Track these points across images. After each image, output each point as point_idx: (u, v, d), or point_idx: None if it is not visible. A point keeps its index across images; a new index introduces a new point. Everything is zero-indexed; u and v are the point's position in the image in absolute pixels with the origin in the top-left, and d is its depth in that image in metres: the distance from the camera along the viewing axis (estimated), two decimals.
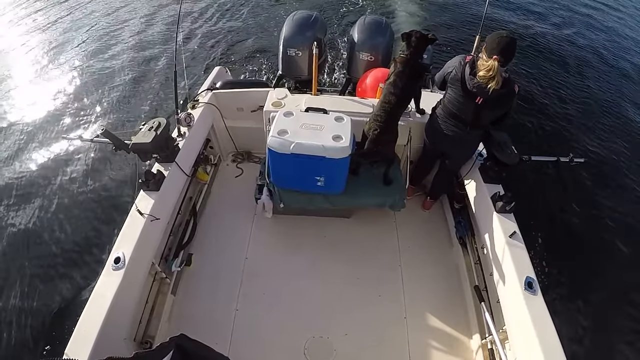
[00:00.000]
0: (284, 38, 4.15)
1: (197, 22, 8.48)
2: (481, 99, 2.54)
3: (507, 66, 2.45)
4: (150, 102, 6.18)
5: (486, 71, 2.41)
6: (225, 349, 2.64)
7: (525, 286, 2.24)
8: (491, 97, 2.50)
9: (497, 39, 2.41)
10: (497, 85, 2.42)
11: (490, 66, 2.39)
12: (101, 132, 2.58)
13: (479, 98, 2.55)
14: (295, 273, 3.14)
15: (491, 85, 2.42)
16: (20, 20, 8.89)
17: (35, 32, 8.31)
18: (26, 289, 3.71)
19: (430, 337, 2.83)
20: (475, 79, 2.50)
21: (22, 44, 7.96)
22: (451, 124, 2.83)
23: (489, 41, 2.46)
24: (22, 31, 8.43)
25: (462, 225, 3.35)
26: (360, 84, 3.97)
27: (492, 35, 2.46)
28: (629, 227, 4.48)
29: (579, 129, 5.88)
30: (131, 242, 2.36)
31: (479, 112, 2.64)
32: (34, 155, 5.26)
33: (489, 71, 2.40)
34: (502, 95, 2.51)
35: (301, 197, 3.12)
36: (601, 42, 8.63)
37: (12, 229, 4.26)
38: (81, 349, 1.88)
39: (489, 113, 2.65)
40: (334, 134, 2.71)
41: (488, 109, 2.61)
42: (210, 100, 3.54)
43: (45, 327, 3.40)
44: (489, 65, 2.39)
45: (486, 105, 2.57)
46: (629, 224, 4.53)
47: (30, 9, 9.31)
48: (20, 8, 9.40)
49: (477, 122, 2.71)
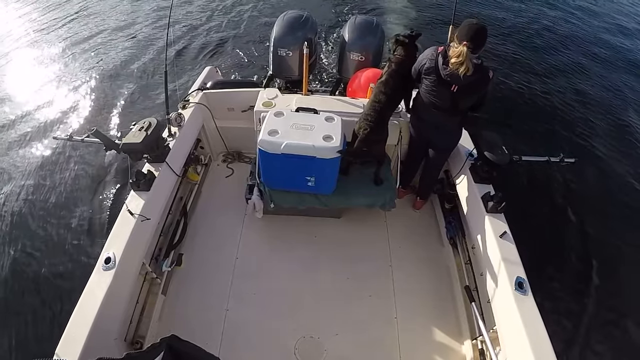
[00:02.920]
0: (275, 38, 4.14)
1: (188, 22, 8.42)
2: (456, 86, 2.63)
3: (478, 53, 2.53)
4: (141, 102, 6.14)
5: (456, 57, 2.50)
6: (216, 349, 2.64)
7: (516, 286, 2.25)
8: (465, 84, 2.58)
9: (467, 26, 2.50)
10: (467, 71, 2.50)
11: (459, 52, 2.48)
12: (92, 132, 2.58)
13: (453, 86, 2.64)
14: (286, 273, 3.15)
15: (462, 70, 2.50)
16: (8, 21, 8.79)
17: (25, 34, 8.21)
18: (15, 289, 3.68)
19: (420, 337, 2.84)
20: (448, 68, 2.58)
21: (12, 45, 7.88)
22: (430, 111, 2.90)
23: (459, 29, 2.56)
24: (10, 31, 8.33)
25: (452, 225, 3.36)
26: (351, 84, 3.98)
27: (463, 23, 2.56)
28: (620, 227, 4.51)
29: (570, 130, 5.91)
30: (122, 242, 2.36)
31: (456, 99, 2.72)
32: (22, 154, 5.21)
33: (458, 57, 2.48)
34: (476, 80, 2.58)
35: (292, 197, 3.13)
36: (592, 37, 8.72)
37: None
38: (71, 350, 1.87)
39: (465, 99, 2.74)
40: (324, 134, 2.72)
41: (464, 95, 2.69)
42: (201, 100, 3.54)
43: (34, 327, 3.37)
44: (458, 51, 2.48)
45: (461, 92, 2.66)
46: (619, 223, 4.57)
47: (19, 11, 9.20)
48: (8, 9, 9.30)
49: (455, 108, 2.80)
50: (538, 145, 5.41)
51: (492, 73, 2.61)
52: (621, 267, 4.12)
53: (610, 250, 4.28)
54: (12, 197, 4.60)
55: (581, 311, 3.72)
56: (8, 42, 7.97)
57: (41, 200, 4.55)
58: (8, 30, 8.38)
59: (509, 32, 8.43)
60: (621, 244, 4.33)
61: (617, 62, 7.95)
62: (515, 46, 7.99)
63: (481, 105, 2.84)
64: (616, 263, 4.17)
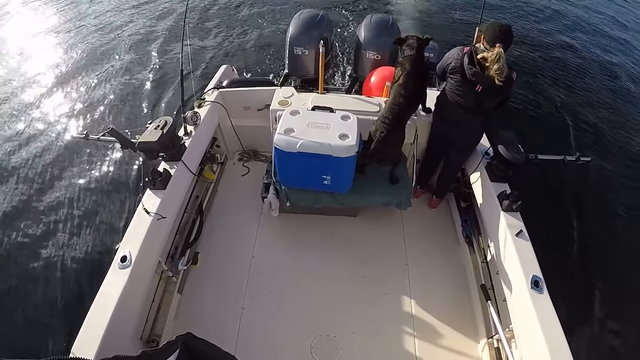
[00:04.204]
0: (291, 37, 4.15)
1: (204, 21, 8.47)
2: (480, 86, 2.61)
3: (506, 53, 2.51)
4: (157, 101, 6.19)
5: (497, 61, 2.45)
6: (232, 348, 2.64)
7: (532, 285, 2.23)
8: (490, 84, 2.55)
9: (498, 28, 2.50)
10: (503, 73, 2.46)
11: (497, 55, 2.45)
12: (107, 131, 2.59)
13: (478, 86, 2.62)
14: (301, 271, 3.14)
15: (502, 72, 2.45)
16: (23, 19, 8.93)
17: (39, 32, 8.31)
18: (31, 288, 3.72)
19: (436, 335, 2.82)
20: (475, 69, 2.56)
21: (27, 43, 8.00)
22: (454, 111, 2.87)
23: (487, 31, 2.54)
24: (26, 30, 8.44)
25: (468, 224, 3.34)
26: (367, 83, 3.96)
27: (490, 25, 2.55)
28: (638, 227, 4.42)
29: (586, 128, 5.82)
30: (137, 240, 2.37)
31: (480, 99, 2.71)
32: (39, 153, 5.26)
33: (498, 60, 2.45)
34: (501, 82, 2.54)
35: (308, 196, 3.12)
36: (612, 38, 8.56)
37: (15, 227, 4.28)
38: (88, 348, 1.88)
39: (489, 99, 2.71)
40: (340, 133, 2.71)
41: (488, 95, 2.67)
42: (217, 98, 3.54)
43: (51, 326, 3.41)
44: (497, 52, 2.45)
45: (486, 92, 2.64)
46: (637, 223, 4.47)
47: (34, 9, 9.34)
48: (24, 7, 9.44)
49: (478, 108, 2.78)
50: (554, 144, 5.31)
51: (515, 74, 2.58)
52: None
53: (628, 250, 4.20)
54: (24, 195, 4.66)
55: (599, 311, 3.66)
56: (22, 40, 8.08)
57: (55, 199, 4.60)
58: (23, 29, 8.51)
59: (526, 33, 8.31)
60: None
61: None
62: (535, 44, 7.89)
63: (502, 106, 2.82)
64: (635, 263, 4.07)
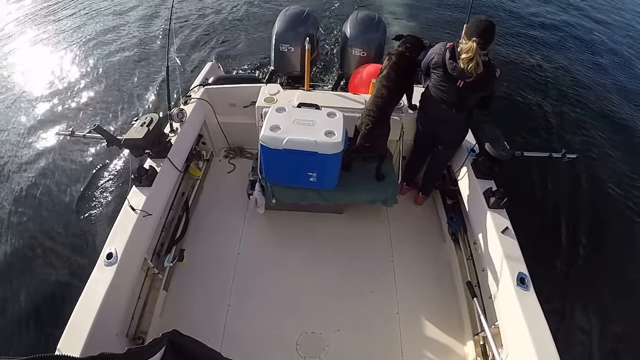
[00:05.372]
0: (276, 33, 4.14)
1: (190, 18, 8.41)
2: (462, 82, 2.62)
3: (487, 49, 2.52)
4: (143, 98, 6.13)
5: (466, 53, 2.48)
6: (218, 345, 2.64)
7: (518, 282, 2.25)
8: (471, 80, 2.57)
9: (477, 23, 2.50)
10: (477, 67, 2.48)
11: (469, 47, 2.46)
12: (93, 128, 2.59)
13: (459, 81, 2.63)
14: (287, 269, 3.15)
15: (471, 66, 2.48)
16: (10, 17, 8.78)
17: (27, 29, 8.21)
18: (16, 285, 3.67)
19: (422, 332, 2.84)
20: (455, 63, 2.58)
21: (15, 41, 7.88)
22: (438, 106, 2.89)
23: (468, 26, 2.55)
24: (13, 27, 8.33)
25: (454, 221, 3.37)
26: (353, 80, 3.96)
27: (472, 20, 2.56)
28: (622, 223, 4.51)
29: (572, 126, 5.90)
30: (123, 237, 2.36)
31: (462, 95, 2.72)
32: (24, 150, 5.20)
33: (468, 52, 2.47)
34: (482, 77, 2.56)
35: (294, 193, 3.12)
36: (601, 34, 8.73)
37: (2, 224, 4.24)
38: (73, 345, 1.87)
39: (471, 95, 2.73)
40: (326, 130, 2.71)
41: (469, 91, 2.68)
42: (203, 95, 3.53)
43: (36, 323, 3.37)
44: (468, 46, 2.47)
45: (467, 88, 2.65)
46: (621, 219, 4.56)
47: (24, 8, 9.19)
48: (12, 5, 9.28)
49: (461, 104, 2.79)
50: (540, 141, 5.41)
51: (499, 72, 2.60)
52: (625, 263, 4.10)
53: (614, 246, 4.27)
54: (10, 193, 4.60)
55: (584, 308, 3.70)
56: (8, 39, 7.96)
57: (42, 196, 4.56)
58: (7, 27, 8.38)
59: (515, 30, 8.39)
60: (625, 239, 4.33)
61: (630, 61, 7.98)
62: (522, 43, 7.98)
63: (489, 103, 2.84)
64: (620, 259, 4.16)
